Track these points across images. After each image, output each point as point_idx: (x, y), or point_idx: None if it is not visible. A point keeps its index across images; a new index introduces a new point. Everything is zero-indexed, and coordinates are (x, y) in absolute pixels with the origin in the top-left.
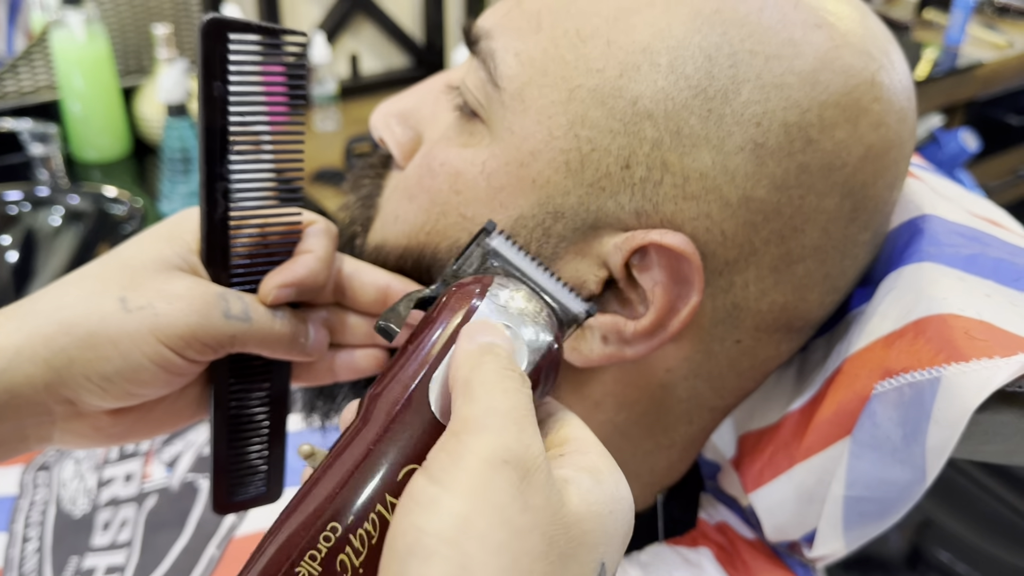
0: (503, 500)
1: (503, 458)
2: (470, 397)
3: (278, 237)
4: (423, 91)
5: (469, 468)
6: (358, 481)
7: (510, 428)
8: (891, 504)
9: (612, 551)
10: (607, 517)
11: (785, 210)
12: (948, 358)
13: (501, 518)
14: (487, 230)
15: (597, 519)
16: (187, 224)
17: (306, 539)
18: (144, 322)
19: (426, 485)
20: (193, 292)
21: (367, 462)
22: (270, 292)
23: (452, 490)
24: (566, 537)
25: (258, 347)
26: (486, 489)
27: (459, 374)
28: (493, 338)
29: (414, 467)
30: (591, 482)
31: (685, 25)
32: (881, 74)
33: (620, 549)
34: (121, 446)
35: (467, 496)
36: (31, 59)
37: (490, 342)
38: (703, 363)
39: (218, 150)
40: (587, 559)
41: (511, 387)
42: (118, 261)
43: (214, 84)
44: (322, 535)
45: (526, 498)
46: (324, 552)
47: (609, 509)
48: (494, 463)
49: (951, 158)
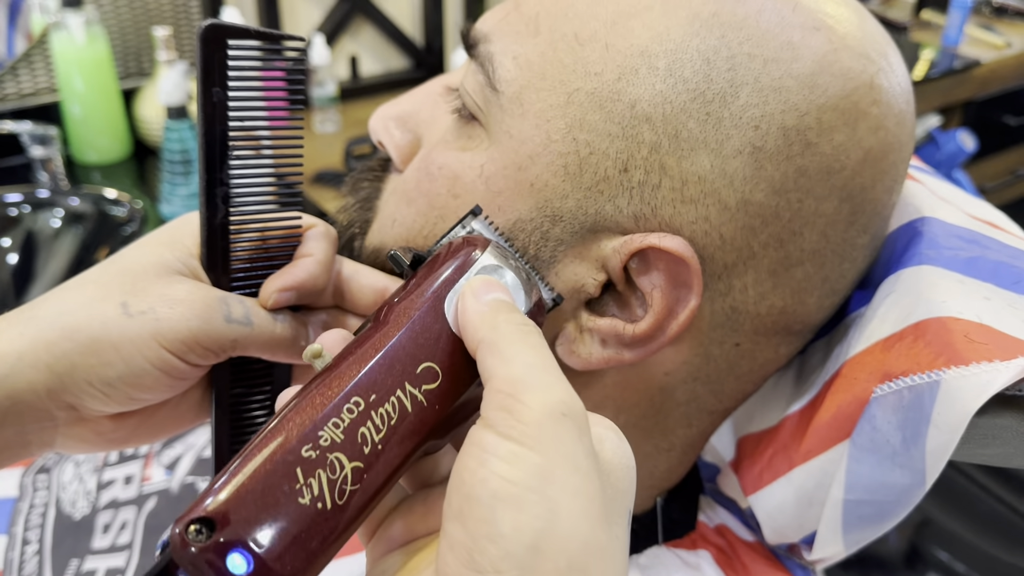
0: (570, 449)
1: (561, 411)
2: (502, 357)
3: (278, 241)
4: (422, 94)
5: (535, 423)
6: (381, 366)
7: (555, 383)
8: (890, 508)
9: (632, 503)
10: (631, 471)
11: (784, 214)
12: (948, 361)
13: (572, 464)
14: (474, 213)
15: (625, 471)
16: (187, 229)
17: (330, 407)
18: (146, 326)
19: (499, 440)
20: (194, 296)
21: (390, 351)
22: (270, 296)
23: (526, 444)
24: (609, 483)
25: (259, 350)
26: (555, 440)
27: (479, 335)
28: (499, 294)
29: (431, 364)
30: (617, 438)
31: (683, 28)
32: (880, 77)
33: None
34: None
35: (542, 448)
36: (31, 61)
37: (497, 298)
38: (702, 366)
39: (218, 155)
40: (623, 504)
41: (535, 341)
42: (119, 266)
43: (213, 90)
44: (346, 406)
45: (585, 445)
46: (347, 422)
47: (631, 464)
48: (555, 415)
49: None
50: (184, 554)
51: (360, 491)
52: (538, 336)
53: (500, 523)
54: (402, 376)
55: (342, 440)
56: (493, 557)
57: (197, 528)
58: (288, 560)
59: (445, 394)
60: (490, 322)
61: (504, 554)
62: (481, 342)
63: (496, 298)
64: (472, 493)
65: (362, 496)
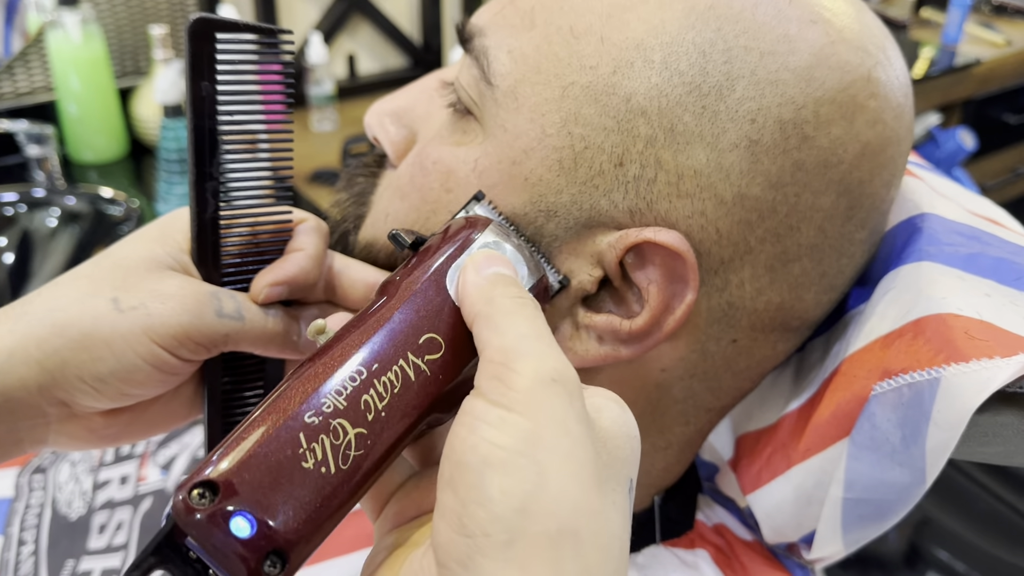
0: (560, 414)
1: (551, 377)
2: (496, 328)
3: (269, 235)
4: (417, 90)
5: (525, 389)
6: (384, 337)
7: (547, 351)
8: (890, 506)
9: (635, 473)
10: (633, 440)
11: (780, 208)
12: (948, 358)
13: (562, 428)
14: (477, 198)
15: (626, 440)
16: (178, 224)
17: (333, 376)
18: (137, 322)
19: (489, 407)
20: (185, 291)
21: (393, 323)
22: (261, 290)
23: (515, 410)
24: (606, 450)
25: (251, 345)
26: (545, 405)
27: (476, 308)
28: (499, 267)
29: (434, 335)
30: (619, 409)
31: (679, 21)
32: (877, 70)
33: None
34: (116, 448)
35: (531, 412)
36: (27, 60)
37: (497, 272)
38: (699, 363)
39: (207, 150)
40: (622, 472)
41: (530, 313)
42: (110, 262)
43: (202, 84)
44: (348, 375)
45: (576, 410)
46: (350, 390)
47: (634, 434)
48: (545, 382)
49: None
50: (188, 518)
51: (364, 457)
52: (533, 308)
53: (488, 487)
54: (404, 346)
55: (345, 407)
56: (482, 521)
57: (200, 492)
58: (291, 524)
59: (448, 365)
60: (487, 295)
61: (492, 517)
62: (477, 315)
63: (496, 272)
64: (462, 459)
65: (366, 462)
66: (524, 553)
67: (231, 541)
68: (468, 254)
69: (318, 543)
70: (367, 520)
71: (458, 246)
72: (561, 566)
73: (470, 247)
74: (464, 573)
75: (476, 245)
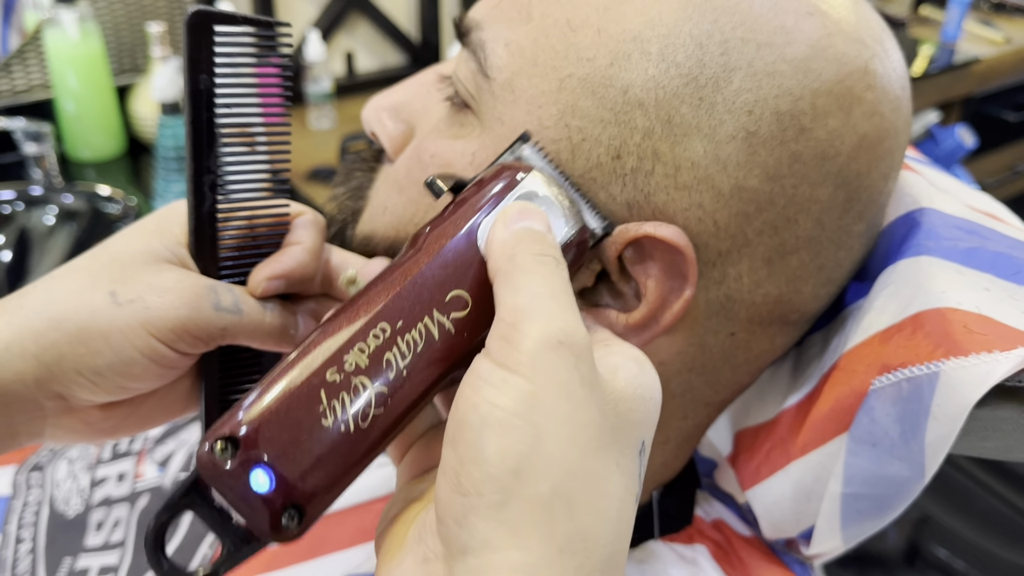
0: (563, 376)
1: (558, 339)
2: (512, 286)
3: (266, 229)
4: (415, 84)
5: (530, 351)
6: (409, 292)
7: (557, 312)
8: (889, 501)
9: (650, 435)
10: (649, 402)
11: (778, 200)
12: (947, 352)
13: (564, 392)
14: (523, 139)
15: (641, 401)
16: (175, 217)
17: (356, 332)
18: (135, 316)
19: (493, 368)
20: (183, 284)
21: (419, 278)
22: (259, 284)
23: (518, 371)
24: (615, 412)
25: (248, 339)
26: (548, 368)
27: (499, 264)
28: (529, 222)
29: (460, 292)
30: (637, 368)
31: (676, 13)
32: (875, 62)
33: (653, 435)
34: (114, 445)
35: (533, 375)
36: (24, 57)
37: (526, 227)
38: (697, 357)
39: (205, 143)
40: (632, 435)
41: (548, 271)
42: (107, 254)
43: (200, 77)
44: (372, 332)
45: (581, 373)
46: (373, 347)
47: (650, 395)
48: (551, 344)
49: (948, 154)
50: (210, 471)
51: (383, 416)
52: (554, 265)
53: (485, 447)
54: (430, 303)
55: (367, 365)
56: (476, 480)
57: (223, 446)
58: (310, 479)
59: (474, 323)
60: (509, 251)
61: (486, 477)
62: (497, 271)
63: (525, 227)
64: (464, 418)
65: (385, 420)
66: (516, 515)
67: (251, 494)
68: (503, 205)
69: (335, 497)
70: (366, 516)
71: (494, 195)
72: (553, 528)
73: (505, 198)
74: (459, 531)
75: (512, 195)
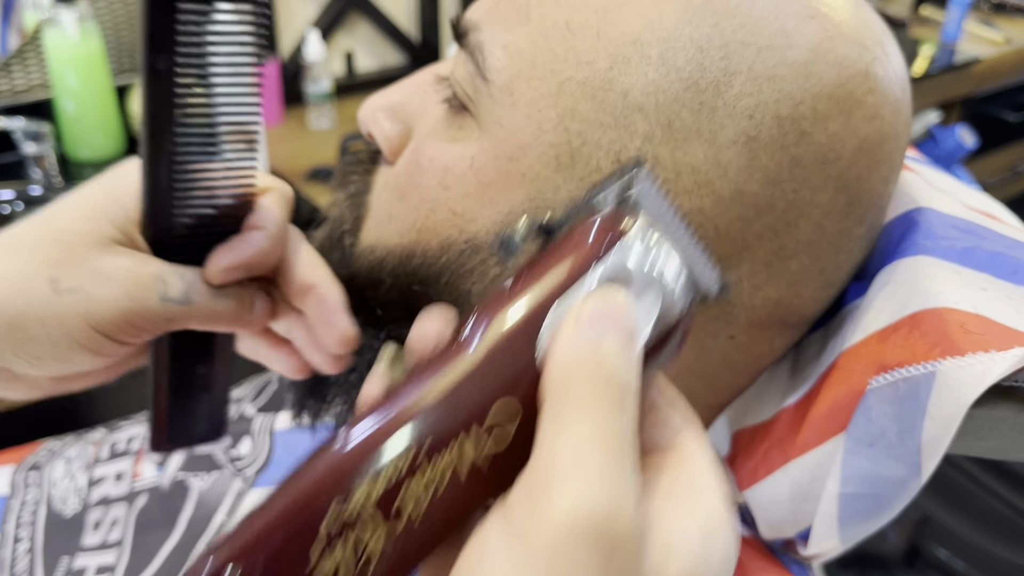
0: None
1: (591, 525)
2: (559, 422)
3: (228, 206)
4: (412, 84)
5: (554, 529)
6: (439, 418)
7: (602, 476)
8: (887, 501)
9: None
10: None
11: (778, 204)
12: (943, 352)
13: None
14: (638, 164)
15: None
16: (125, 187)
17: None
18: (74, 305)
19: (509, 542)
20: (128, 273)
21: (462, 386)
22: (217, 274)
23: (534, 552)
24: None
25: (199, 325)
26: (570, 562)
27: (551, 389)
28: (606, 330)
29: (508, 399)
30: (699, 541)
31: (676, 16)
32: (875, 65)
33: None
34: (112, 445)
35: (550, 565)
36: (24, 57)
37: (597, 341)
38: (696, 359)
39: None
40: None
41: (608, 408)
42: (50, 231)
43: (160, 56)
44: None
45: (615, 570)
46: (382, 492)
47: (717, 570)
48: (579, 530)
49: (948, 155)
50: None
51: (380, 572)
52: (618, 399)
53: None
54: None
55: (372, 513)
56: None
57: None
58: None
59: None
60: (567, 374)
61: None
62: (546, 398)
63: (596, 341)
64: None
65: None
66: None
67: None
68: (582, 293)
69: None
70: None
71: (571, 269)
72: None
73: (584, 277)
74: None
75: (594, 278)
